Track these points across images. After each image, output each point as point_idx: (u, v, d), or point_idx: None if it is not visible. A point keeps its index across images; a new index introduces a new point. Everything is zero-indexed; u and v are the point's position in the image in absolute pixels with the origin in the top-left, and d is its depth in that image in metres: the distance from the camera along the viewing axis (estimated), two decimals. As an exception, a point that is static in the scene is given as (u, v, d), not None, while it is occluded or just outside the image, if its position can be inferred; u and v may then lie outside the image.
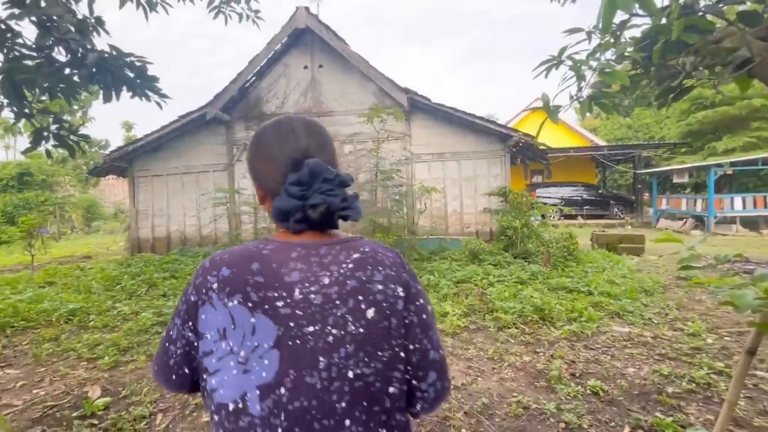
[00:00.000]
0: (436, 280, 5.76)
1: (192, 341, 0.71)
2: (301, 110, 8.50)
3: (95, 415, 2.81)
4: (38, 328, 4.81)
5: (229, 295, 0.66)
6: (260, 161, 0.78)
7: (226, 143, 8.63)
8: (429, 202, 8.07)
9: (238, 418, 0.62)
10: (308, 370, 0.63)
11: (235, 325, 0.65)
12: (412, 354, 0.72)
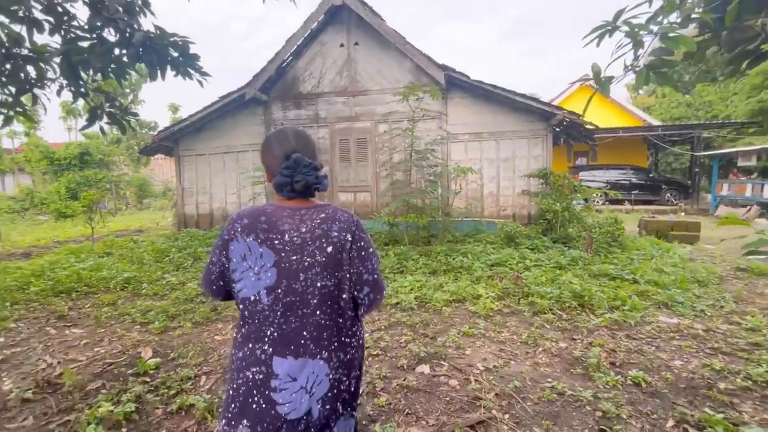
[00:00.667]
0: (470, 263, 5.67)
1: (224, 264, 1.20)
2: (336, 89, 8.48)
3: (147, 373, 3.05)
4: (98, 293, 5.26)
5: (247, 234, 1.16)
6: (268, 155, 1.25)
7: (264, 123, 8.81)
8: (464, 183, 7.88)
9: (255, 306, 1.14)
10: (294, 281, 1.14)
11: (251, 252, 1.15)
12: (353, 275, 1.22)
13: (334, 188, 8.64)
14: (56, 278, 5.58)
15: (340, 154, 8.57)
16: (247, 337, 1.17)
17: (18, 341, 3.81)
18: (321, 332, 1.16)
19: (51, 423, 2.45)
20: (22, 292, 5.14)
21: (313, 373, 1.14)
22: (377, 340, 3.54)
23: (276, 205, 1.22)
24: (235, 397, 1.14)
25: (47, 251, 8.13)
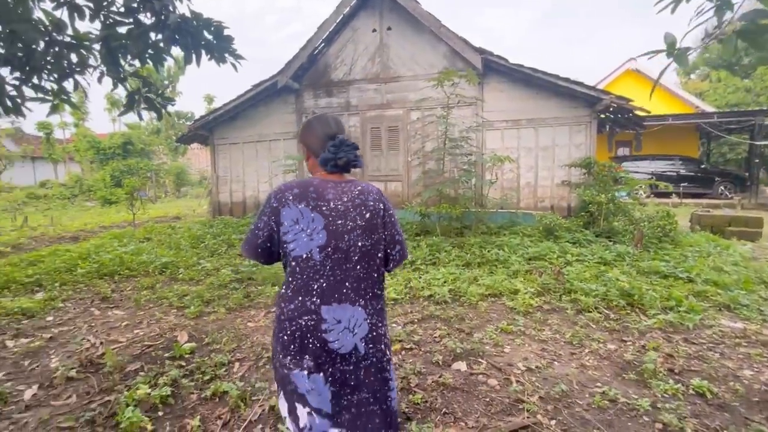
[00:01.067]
0: (506, 256, 5.42)
1: (273, 227, 1.37)
2: (368, 76, 8.31)
3: (183, 357, 3.09)
4: (138, 276, 5.45)
5: (298, 201, 1.34)
6: (310, 136, 1.46)
7: (296, 112, 8.80)
8: (500, 173, 7.56)
9: (307, 262, 1.32)
10: (340, 241, 1.33)
11: (303, 217, 1.33)
12: (386, 236, 1.45)
13: (365, 177, 8.53)
14: (101, 261, 5.83)
15: (371, 142, 8.43)
16: (296, 292, 1.35)
17: (65, 320, 3.98)
18: (359, 284, 1.38)
19: (92, 402, 2.51)
20: (69, 274, 5.40)
21: (353, 317, 1.36)
22: (410, 333, 3.41)
23: (320, 179, 1.42)
24: (293, 340, 1.34)
25: (93, 235, 8.57)
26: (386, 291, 4.16)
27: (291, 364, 1.34)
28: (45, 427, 2.28)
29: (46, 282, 5.09)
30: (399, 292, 4.37)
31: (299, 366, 1.33)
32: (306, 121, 1.52)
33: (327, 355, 1.34)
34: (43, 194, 17.45)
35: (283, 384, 1.38)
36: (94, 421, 2.31)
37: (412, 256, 5.51)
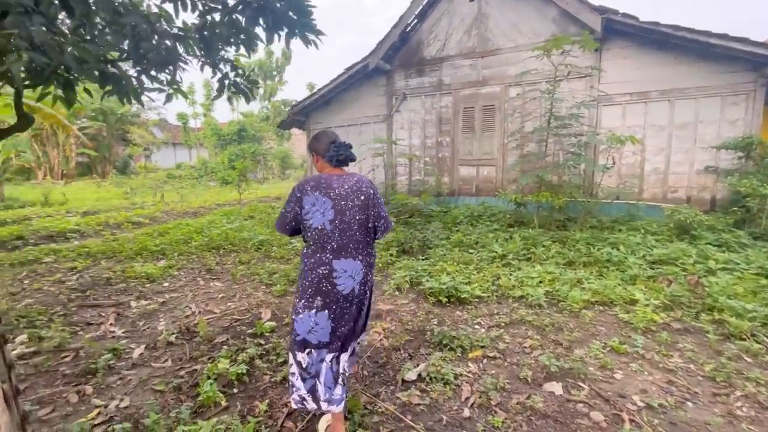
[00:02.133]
0: (621, 256, 4.52)
1: (297, 211, 1.95)
2: (463, 51, 7.69)
3: (263, 335, 3.18)
4: (238, 252, 5.95)
5: (314, 190, 1.93)
6: (318, 143, 2.09)
7: (386, 94, 8.64)
8: (618, 157, 6.36)
9: (322, 231, 1.92)
10: (343, 215, 1.93)
11: (318, 201, 1.92)
12: (374, 213, 2.01)
13: (455, 162, 8.03)
14: (210, 236, 6.53)
15: (463, 123, 7.86)
16: (315, 250, 1.94)
17: (176, 287, 4.49)
18: (358, 245, 1.97)
19: (182, 369, 2.70)
20: (186, 245, 6.14)
21: (354, 268, 1.95)
22: (495, 340, 3.00)
23: (328, 174, 2.01)
24: (310, 286, 1.92)
25: (209, 212, 9.76)
26: (460, 283, 3.78)
27: (301, 308, 1.93)
28: (143, 387, 2.51)
29: (168, 251, 5.86)
30: (485, 289, 3.94)
31: (309, 307, 1.91)
32: (314, 135, 2.18)
33: (333, 296, 1.92)
34: (178, 174, 20.70)
35: (291, 335, 1.99)
36: (180, 389, 2.47)
37: (502, 250, 4.97)
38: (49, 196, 11.59)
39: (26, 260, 5.50)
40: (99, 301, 4.05)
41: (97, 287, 4.46)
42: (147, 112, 25.38)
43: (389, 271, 4.73)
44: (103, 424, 2.14)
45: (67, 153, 20.57)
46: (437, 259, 4.86)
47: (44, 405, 2.32)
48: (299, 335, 1.91)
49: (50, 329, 3.26)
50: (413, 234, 5.74)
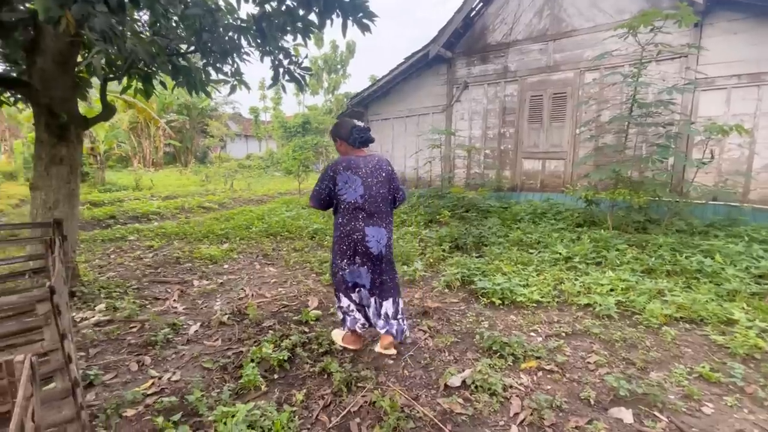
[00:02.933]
0: (717, 267, 3.84)
1: (331, 188, 2.50)
2: (533, 34, 7.09)
3: (308, 323, 3.19)
4: (294, 239, 6.13)
5: (345, 170, 2.46)
6: (341, 129, 2.56)
7: (447, 83, 8.30)
8: (718, 150, 5.45)
9: (355, 204, 2.46)
10: (371, 190, 2.48)
11: (349, 179, 2.45)
12: (394, 186, 2.62)
13: (518, 154, 7.50)
14: (270, 222, 6.82)
15: (529, 114, 7.29)
16: (349, 220, 2.42)
17: (235, 270, 4.73)
18: (382, 214, 2.48)
19: (230, 350, 2.79)
20: (247, 231, 6.48)
21: (380, 234, 2.47)
22: (553, 351, 2.69)
23: (353, 156, 2.47)
24: (348, 248, 2.45)
25: (271, 200, 10.26)
26: (516, 285, 3.48)
27: (345, 265, 2.49)
28: (193, 363, 2.63)
29: (231, 236, 6.22)
30: (545, 293, 3.58)
31: (351, 264, 2.48)
32: (335, 123, 2.58)
33: (367, 257, 2.45)
34: (247, 164, 22.16)
35: (338, 284, 2.61)
36: (225, 368, 2.54)
37: (567, 252, 4.50)
38: (139, 181, 13.03)
39: (115, 237, 6.18)
40: (167, 278, 4.38)
41: (167, 265, 4.85)
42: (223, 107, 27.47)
43: (440, 267, 4.53)
44: (154, 395, 2.26)
45: (156, 144, 23.02)
46: (493, 258, 4.55)
47: (109, 370, 2.52)
48: (349, 281, 2.54)
49: (124, 301, 3.58)
50: (468, 230, 5.45)
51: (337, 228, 2.47)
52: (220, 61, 3.84)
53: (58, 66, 3.11)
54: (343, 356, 2.70)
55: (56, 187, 3.30)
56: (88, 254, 5.23)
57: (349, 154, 2.50)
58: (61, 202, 3.34)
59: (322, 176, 2.45)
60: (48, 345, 1.43)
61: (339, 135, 2.52)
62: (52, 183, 3.28)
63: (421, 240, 5.55)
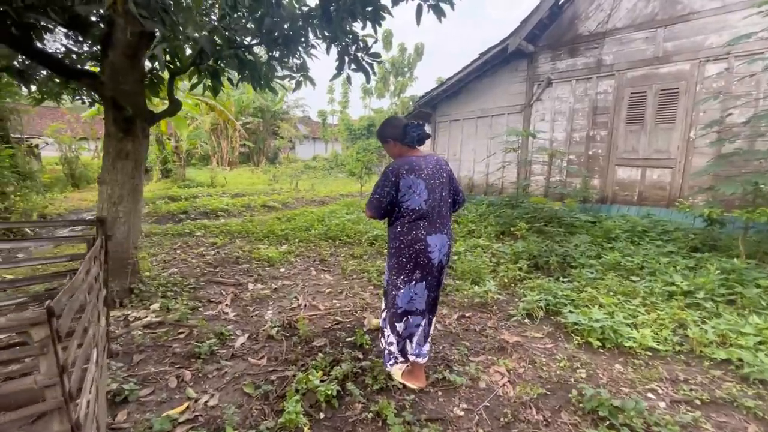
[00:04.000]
0: None
1: (393, 194, 2.12)
2: (637, 21, 6.05)
3: (362, 347, 2.77)
4: (353, 244, 5.81)
5: (408, 174, 2.10)
6: (391, 129, 2.25)
7: (527, 80, 7.48)
8: None
9: (419, 211, 2.12)
10: (434, 194, 2.15)
11: (413, 183, 2.09)
12: (454, 188, 2.32)
13: (610, 161, 6.46)
14: (329, 225, 6.59)
15: (626, 114, 6.24)
16: (410, 228, 2.13)
17: (290, 275, 4.49)
18: (443, 219, 2.21)
19: (275, 372, 2.46)
20: (306, 233, 6.30)
21: (441, 242, 2.18)
22: (687, 427, 1.96)
23: (413, 157, 2.18)
24: (409, 261, 2.14)
25: (333, 201, 10.15)
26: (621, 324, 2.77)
27: (401, 283, 2.18)
28: (234, 385, 2.34)
29: (290, 237, 6.08)
30: (662, 338, 2.79)
31: (409, 281, 2.17)
32: (383, 123, 2.32)
33: (429, 268, 2.16)
34: (313, 166, 22.74)
35: (389, 307, 2.27)
36: (267, 397, 2.20)
37: (686, 284, 3.57)
38: (214, 179, 13.84)
39: (183, 232, 6.37)
40: (224, 278, 4.27)
41: (226, 264, 4.77)
42: (294, 110, 28.68)
43: (517, 290, 3.87)
44: (186, 423, 1.98)
45: (233, 144, 24.65)
46: (584, 284, 3.77)
47: (147, 384, 2.31)
48: (400, 307, 2.19)
49: (178, 301, 3.47)
50: (550, 246, 4.68)
51: (395, 238, 2.15)
52: (285, 53, 3.61)
53: (127, 59, 3.06)
54: (401, 397, 2.22)
55: (121, 181, 3.27)
56: (157, 248, 5.38)
57: (404, 155, 2.20)
58: (125, 198, 3.31)
59: (383, 182, 2.11)
60: (43, 380, 1.15)
61: (391, 135, 2.24)
62: (117, 177, 3.25)
63: (492, 255, 4.90)
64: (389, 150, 2.30)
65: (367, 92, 26.59)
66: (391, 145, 2.27)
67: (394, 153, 2.27)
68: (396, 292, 2.17)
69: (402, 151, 2.23)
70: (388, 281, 2.26)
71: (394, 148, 2.26)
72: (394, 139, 2.23)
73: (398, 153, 2.25)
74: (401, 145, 2.22)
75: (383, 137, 2.28)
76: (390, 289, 2.23)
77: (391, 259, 2.21)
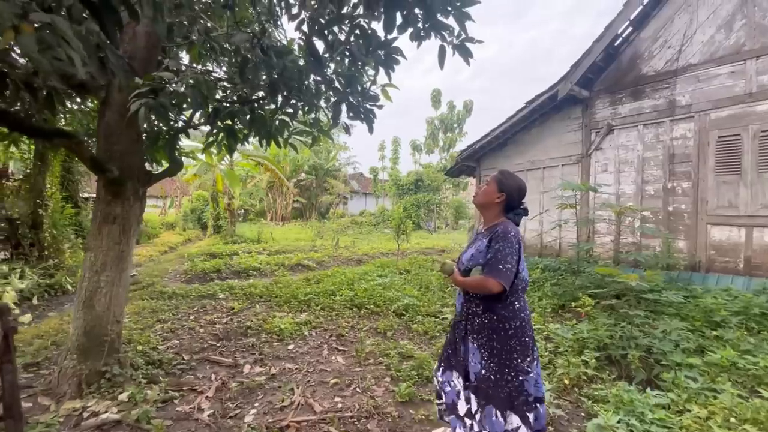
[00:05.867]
0: None
1: (516, 264, 1.77)
2: (716, 54, 5.13)
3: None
4: (378, 315, 5.05)
5: (519, 242, 1.81)
6: (515, 189, 1.93)
7: (582, 128, 6.65)
8: None
9: (526, 282, 1.87)
10: None
11: (521, 251, 1.81)
12: None
13: (699, 218, 5.22)
14: (357, 290, 5.93)
15: (715, 161, 5.10)
16: (524, 303, 1.86)
17: (297, 355, 3.82)
18: None
19: None
20: (331, 298, 5.68)
21: None
22: None
23: (512, 224, 1.89)
24: (531, 339, 1.83)
25: (371, 260, 9.55)
26: None
27: (527, 366, 1.79)
28: None
29: (313, 303, 5.49)
30: None
31: (533, 361, 1.82)
32: (510, 174, 1.98)
33: (534, 346, 1.88)
34: (359, 221, 22.70)
35: (513, 398, 1.77)
36: None
37: None
38: (261, 234, 14.07)
39: (206, 294, 6.08)
40: (221, 357, 3.71)
41: (232, 337, 4.25)
42: (346, 167, 29.74)
43: (582, 398, 2.82)
44: None
45: (286, 200, 25.76)
46: (685, 397, 2.63)
47: None
48: (531, 395, 1.81)
49: (154, 390, 2.93)
50: (627, 332, 3.54)
51: (515, 317, 1.80)
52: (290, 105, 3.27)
53: (121, 118, 2.86)
54: None
55: (105, 248, 2.96)
56: (171, 313, 5.06)
57: (497, 218, 1.93)
58: (108, 266, 2.98)
59: (511, 249, 1.76)
60: None
61: (508, 191, 1.92)
62: (102, 243, 2.95)
63: (547, 339, 3.86)
64: (489, 197, 1.94)
65: (416, 148, 26.88)
66: (497, 197, 1.93)
67: (491, 207, 1.94)
68: (524, 377, 1.79)
69: (498, 212, 1.94)
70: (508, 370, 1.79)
71: (498, 200, 1.92)
72: (508, 196, 1.92)
73: (496, 209, 1.94)
74: (502, 207, 1.93)
75: (501, 184, 1.93)
76: (512, 378, 1.79)
77: (510, 340, 1.80)
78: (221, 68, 3.61)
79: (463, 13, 2.33)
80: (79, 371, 2.86)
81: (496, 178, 1.95)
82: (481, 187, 2.01)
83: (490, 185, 1.94)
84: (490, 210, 1.94)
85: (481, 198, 1.96)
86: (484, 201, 1.95)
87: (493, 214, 1.93)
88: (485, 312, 1.83)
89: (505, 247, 1.75)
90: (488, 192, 1.94)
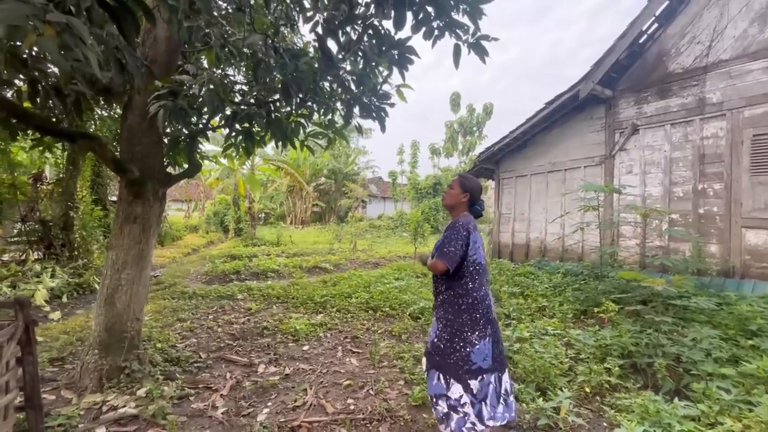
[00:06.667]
0: None
1: (464, 249, 2.03)
2: (750, 48, 4.88)
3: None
4: (394, 318, 5.01)
5: (475, 229, 2.12)
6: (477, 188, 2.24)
7: (605, 128, 6.45)
8: None
9: (482, 266, 2.11)
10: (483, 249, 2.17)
11: (478, 238, 2.11)
12: None
13: (732, 221, 4.95)
14: (372, 293, 5.91)
15: (750, 161, 4.83)
16: (480, 284, 2.08)
17: (312, 356, 3.83)
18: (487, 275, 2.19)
19: None
20: (346, 300, 5.68)
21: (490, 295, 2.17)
22: None
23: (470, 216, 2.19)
24: (482, 316, 2.04)
25: (388, 263, 9.52)
26: None
27: (476, 338, 2.01)
28: None
29: (329, 305, 5.50)
30: None
31: (483, 336, 2.02)
32: (470, 176, 2.29)
33: (494, 322, 2.10)
34: (378, 225, 22.72)
35: (457, 369, 1.99)
36: None
37: None
38: (280, 237, 14.26)
39: (225, 294, 6.18)
40: (237, 356, 3.75)
41: (248, 337, 4.30)
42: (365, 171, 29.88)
43: (604, 407, 2.69)
44: None
45: (306, 204, 26.09)
46: (716, 409, 2.47)
47: None
48: (475, 364, 1.99)
49: (170, 386, 2.98)
50: (654, 340, 3.37)
51: (467, 294, 2.06)
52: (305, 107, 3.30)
53: (143, 120, 2.96)
54: None
55: (127, 246, 3.05)
56: (191, 312, 5.16)
57: (462, 213, 2.21)
58: (129, 264, 3.06)
59: (456, 236, 2.05)
60: None
61: (471, 192, 2.21)
62: (123, 242, 3.04)
63: (568, 346, 3.72)
64: (456, 199, 2.22)
65: (435, 152, 26.73)
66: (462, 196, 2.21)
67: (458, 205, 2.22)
68: (471, 348, 2.00)
69: (463, 209, 2.22)
70: (454, 341, 2.02)
71: (463, 199, 2.21)
72: (471, 196, 2.22)
73: (460, 205, 2.22)
74: (467, 204, 2.22)
75: (464, 186, 2.21)
76: (461, 347, 2.01)
77: (461, 316, 2.04)
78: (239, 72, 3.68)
79: (477, 10, 2.29)
80: (100, 366, 2.94)
81: (460, 182, 2.24)
82: (447, 191, 2.28)
83: (455, 188, 2.23)
84: (457, 209, 2.21)
85: (449, 200, 2.24)
86: (452, 202, 2.23)
87: (458, 211, 2.21)
88: (446, 290, 2.12)
89: (451, 235, 2.06)
90: (454, 194, 2.22)
